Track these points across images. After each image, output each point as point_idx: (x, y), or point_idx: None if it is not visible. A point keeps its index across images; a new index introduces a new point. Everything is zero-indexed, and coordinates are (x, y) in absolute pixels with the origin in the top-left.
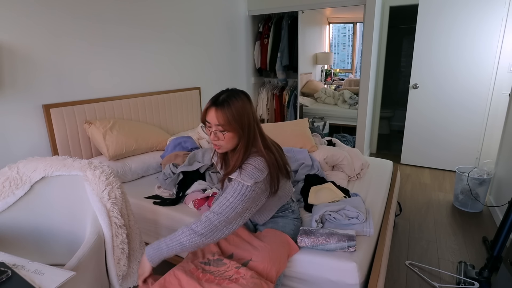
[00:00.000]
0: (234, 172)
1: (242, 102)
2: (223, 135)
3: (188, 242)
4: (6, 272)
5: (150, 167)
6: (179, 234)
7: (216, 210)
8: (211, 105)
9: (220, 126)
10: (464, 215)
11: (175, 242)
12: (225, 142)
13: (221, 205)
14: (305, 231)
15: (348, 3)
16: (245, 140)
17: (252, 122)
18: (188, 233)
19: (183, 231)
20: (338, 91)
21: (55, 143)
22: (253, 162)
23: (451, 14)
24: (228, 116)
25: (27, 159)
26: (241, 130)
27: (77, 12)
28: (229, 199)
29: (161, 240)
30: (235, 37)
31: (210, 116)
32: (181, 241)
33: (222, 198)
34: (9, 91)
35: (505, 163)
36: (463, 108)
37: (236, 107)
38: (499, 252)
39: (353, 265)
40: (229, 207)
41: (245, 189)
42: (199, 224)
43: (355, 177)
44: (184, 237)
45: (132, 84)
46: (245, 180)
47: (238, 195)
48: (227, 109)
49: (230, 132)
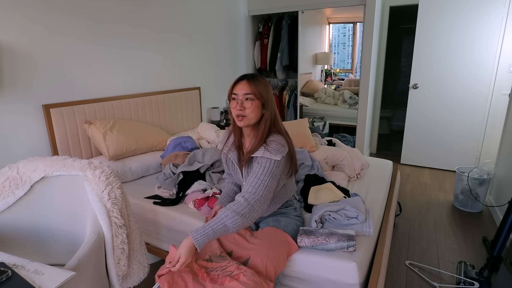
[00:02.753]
0: (259, 150)
1: (266, 81)
2: (250, 102)
3: (232, 224)
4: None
5: (150, 167)
6: (223, 217)
7: (251, 190)
8: (241, 79)
9: (250, 94)
10: (464, 215)
11: (220, 225)
12: (250, 110)
13: (254, 184)
14: (305, 231)
15: (348, 3)
16: (269, 112)
17: (273, 102)
18: (231, 215)
19: (226, 213)
20: (338, 91)
21: (55, 143)
22: (275, 138)
23: (451, 14)
24: (258, 87)
25: (27, 159)
26: (267, 100)
27: (77, 12)
28: (259, 178)
29: (205, 225)
30: (235, 37)
31: (239, 88)
32: (226, 224)
33: (252, 177)
34: (9, 91)
35: (505, 163)
36: (463, 108)
37: (263, 82)
38: (499, 252)
39: (353, 265)
40: (261, 185)
41: (272, 164)
42: (239, 205)
43: (355, 177)
44: (228, 220)
45: (132, 84)
46: (273, 155)
47: (267, 172)
48: (256, 81)
49: (258, 100)
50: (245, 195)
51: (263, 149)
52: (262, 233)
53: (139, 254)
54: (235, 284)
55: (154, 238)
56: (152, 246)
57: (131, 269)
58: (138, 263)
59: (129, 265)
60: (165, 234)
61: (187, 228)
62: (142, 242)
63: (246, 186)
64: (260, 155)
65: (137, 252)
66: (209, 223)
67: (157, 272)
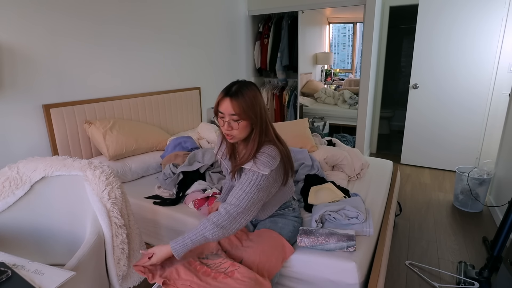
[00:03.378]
0: (248, 162)
1: (254, 92)
2: (237, 124)
3: (211, 235)
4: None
5: (150, 167)
6: (202, 229)
7: (234, 202)
8: (225, 95)
9: (235, 115)
10: (464, 215)
11: (199, 236)
12: (238, 131)
13: (238, 197)
14: (305, 231)
15: (348, 3)
16: (258, 128)
17: (263, 111)
18: (210, 227)
19: (205, 225)
20: (338, 91)
21: (55, 143)
22: (266, 150)
23: (451, 14)
24: (242, 105)
25: (27, 159)
26: (254, 118)
27: (77, 12)
28: (245, 190)
29: (185, 236)
30: (235, 37)
31: (223, 107)
32: (205, 235)
33: (237, 189)
34: (9, 91)
35: (505, 163)
36: (463, 108)
37: (249, 96)
38: (499, 252)
39: (353, 264)
40: (246, 198)
41: (260, 178)
42: (219, 217)
43: (355, 177)
44: (207, 231)
45: (132, 84)
46: (261, 169)
47: (254, 185)
48: (241, 98)
49: (245, 120)
50: (227, 207)
51: (252, 162)
52: (257, 236)
53: (139, 254)
54: (229, 281)
55: (154, 238)
56: (152, 246)
57: (131, 269)
58: None
59: (129, 265)
60: (165, 234)
61: (187, 228)
62: (142, 242)
63: (230, 197)
64: (248, 167)
65: (137, 252)
66: (189, 234)
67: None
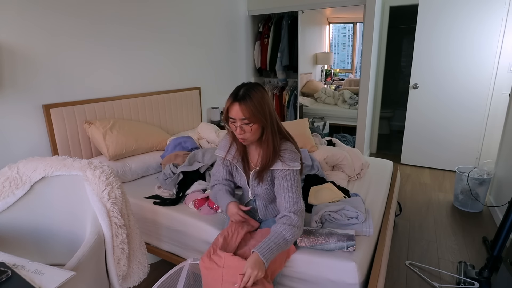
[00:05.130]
0: (276, 163)
1: (261, 93)
2: (250, 127)
3: (291, 236)
4: (6, 272)
5: (150, 167)
6: (281, 231)
7: (293, 205)
8: (233, 101)
9: (245, 119)
10: (464, 215)
11: (280, 239)
12: (251, 134)
13: (292, 199)
14: (305, 231)
15: (348, 3)
16: (269, 129)
17: (272, 111)
18: (289, 228)
19: (283, 227)
20: (338, 91)
21: (55, 143)
22: (286, 146)
23: (451, 14)
24: (252, 109)
25: (27, 159)
26: (264, 119)
27: (77, 12)
28: (293, 191)
29: (266, 241)
30: (235, 37)
31: (233, 112)
32: (285, 236)
33: (287, 193)
34: (9, 91)
35: (505, 163)
36: (463, 108)
37: (257, 98)
38: (499, 252)
39: (353, 264)
40: (298, 197)
41: (296, 174)
42: (291, 220)
43: (355, 177)
44: (287, 232)
45: (132, 84)
46: (292, 165)
47: (295, 183)
48: (250, 102)
49: (256, 123)
50: (291, 209)
51: (280, 162)
52: (261, 236)
53: (139, 254)
54: None
55: (154, 238)
56: (152, 246)
57: (131, 269)
58: (138, 263)
59: (129, 265)
60: (165, 234)
61: (187, 228)
62: (142, 242)
63: (286, 203)
64: (279, 167)
65: (137, 252)
66: (269, 238)
67: None
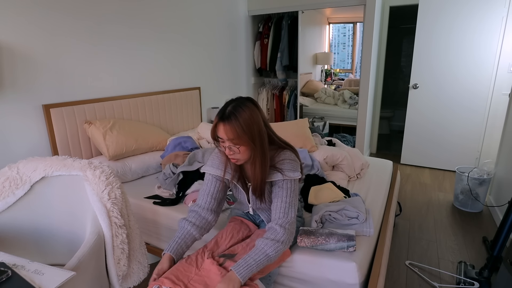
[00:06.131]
0: (274, 174)
1: (249, 110)
2: (237, 148)
3: (274, 252)
4: (6, 272)
5: (150, 167)
6: (263, 246)
7: (282, 216)
8: (219, 120)
9: (233, 140)
10: (464, 215)
11: (261, 255)
12: (240, 155)
13: (283, 210)
14: (305, 231)
15: (348, 3)
16: (259, 149)
17: (262, 129)
18: (271, 244)
19: (265, 243)
20: (338, 91)
21: (55, 143)
22: (283, 156)
23: (451, 14)
24: (236, 130)
25: (27, 159)
26: (252, 141)
27: (77, 12)
28: (286, 201)
29: (246, 257)
30: (235, 37)
31: (220, 132)
32: (267, 252)
33: (279, 203)
34: (9, 91)
35: (505, 163)
36: (463, 108)
37: (243, 118)
38: (499, 252)
39: (353, 265)
40: (290, 208)
41: (294, 183)
42: (276, 234)
43: (355, 177)
44: (269, 248)
45: (132, 84)
46: (292, 175)
47: (291, 193)
48: (235, 122)
49: (242, 145)
50: (278, 221)
51: (278, 173)
52: (256, 235)
53: (139, 254)
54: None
55: (154, 238)
56: (152, 246)
57: (131, 269)
58: (138, 263)
59: (129, 265)
60: (165, 234)
61: None
62: (142, 242)
63: (276, 213)
64: (279, 178)
65: (137, 252)
66: (250, 255)
67: None
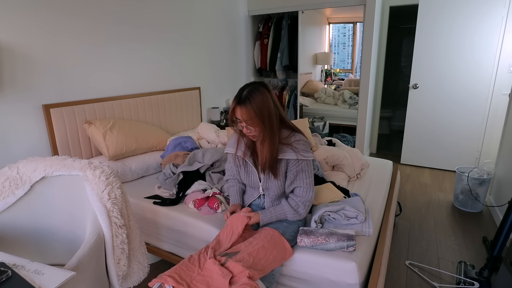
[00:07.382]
0: (287, 153)
1: (261, 95)
2: (253, 128)
3: (291, 217)
4: (6, 272)
5: (150, 167)
6: (286, 210)
7: (303, 195)
8: (236, 104)
9: (248, 121)
10: (464, 215)
11: (282, 215)
12: (257, 133)
13: (305, 189)
14: (305, 231)
15: (348, 3)
16: (268, 131)
17: (272, 111)
18: (292, 212)
19: (288, 210)
20: (338, 91)
21: (55, 143)
22: (299, 137)
23: (451, 14)
24: (250, 113)
25: (27, 159)
26: (262, 123)
27: (77, 12)
28: (306, 181)
29: (270, 211)
30: (235, 37)
31: (237, 114)
32: (286, 215)
33: (300, 182)
34: (9, 91)
35: (505, 163)
36: (463, 108)
37: (257, 102)
38: (499, 252)
39: (353, 264)
40: (310, 188)
41: (310, 164)
42: (298, 207)
43: (355, 177)
44: (290, 214)
45: (132, 84)
46: (306, 156)
47: (310, 174)
48: (249, 105)
49: (255, 126)
50: (301, 199)
51: (292, 152)
52: (259, 233)
53: (139, 254)
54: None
55: (154, 238)
56: (152, 246)
57: (131, 269)
58: (138, 263)
59: (129, 265)
60: (165, 234)
61: (187, 228)
62: (142, 242)
63: (298, 190)
64: (293, 157)
65: (137, 252)
66: (272, 211)
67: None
